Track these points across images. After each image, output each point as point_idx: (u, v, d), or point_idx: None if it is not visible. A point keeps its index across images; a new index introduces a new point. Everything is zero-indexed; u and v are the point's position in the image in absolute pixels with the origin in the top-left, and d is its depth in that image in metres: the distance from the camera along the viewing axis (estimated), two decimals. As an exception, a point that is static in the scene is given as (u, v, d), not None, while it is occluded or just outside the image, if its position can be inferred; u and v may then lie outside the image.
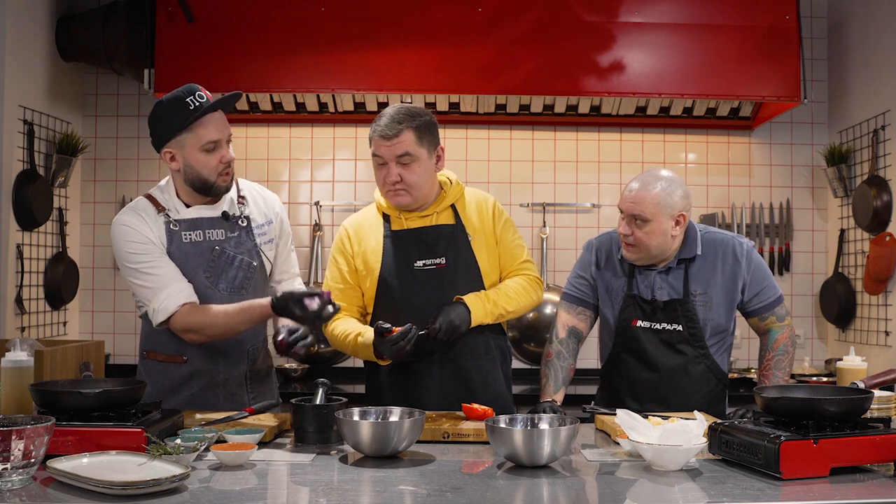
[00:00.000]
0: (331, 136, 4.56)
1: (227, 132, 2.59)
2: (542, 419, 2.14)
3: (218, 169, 2.57)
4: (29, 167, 3.94)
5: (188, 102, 2.51)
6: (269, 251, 2.73)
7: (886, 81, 4.04)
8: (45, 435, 1.76)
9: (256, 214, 2.72)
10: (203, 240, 2.61)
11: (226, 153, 2.57)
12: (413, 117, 2.65)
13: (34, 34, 4.03)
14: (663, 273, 2.72)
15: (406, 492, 1.80)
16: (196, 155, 2.55)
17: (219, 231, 2.63)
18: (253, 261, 2.66)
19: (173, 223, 2.60)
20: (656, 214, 2.61)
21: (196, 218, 2.62)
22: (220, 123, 2.57)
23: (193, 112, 2.51)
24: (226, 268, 2.63)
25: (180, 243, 2.59)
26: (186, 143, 2.54)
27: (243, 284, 2.64)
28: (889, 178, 3.99)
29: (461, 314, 2.62)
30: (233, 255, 2.63)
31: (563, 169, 4.57)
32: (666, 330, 2.70)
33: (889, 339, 3.99)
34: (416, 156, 2.64)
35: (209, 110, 2.53)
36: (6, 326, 3.81)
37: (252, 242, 2.67)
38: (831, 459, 1.90)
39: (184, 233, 2.60)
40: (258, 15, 3.99)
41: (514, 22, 4.00)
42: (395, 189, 2.66)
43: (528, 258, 2.83)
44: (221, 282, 2.62)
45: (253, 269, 2.66)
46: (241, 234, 2.67)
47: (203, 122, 2.53)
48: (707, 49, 4.03)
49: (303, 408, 2.29)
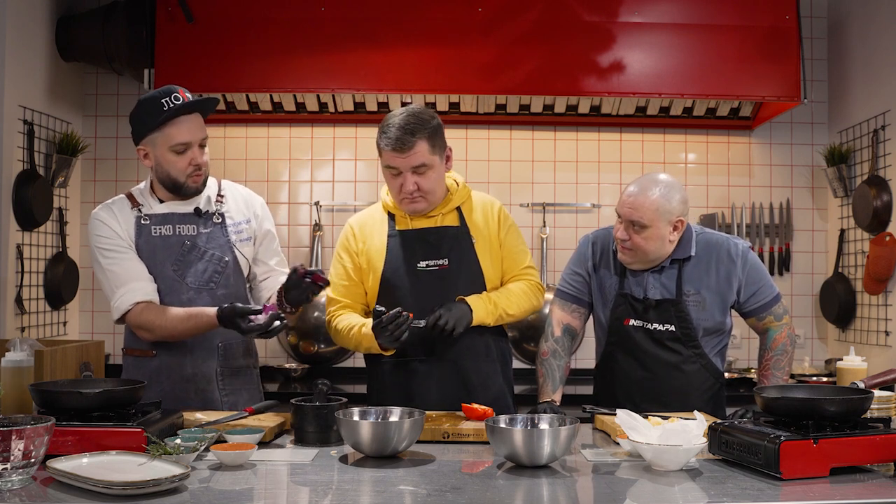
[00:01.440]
0: (331, 136, 4.56)
1: (199, 135, 2.62)
2: (542, 419, 2.14)
3: (187, 171, 2.62)
4: (29, 167, 3.94)
5: (163, 103, 2.56)
6: (245, 248, 2.75)
7: (886, 81, 4.04)
8: (45, 435, 1.76)
9: (234, 212, 2.75)
10: (173, 234, 2.66)
11: (196, 156, 2.61)
12: (423, 124, 2.63)
13: (34, 34, 4.03)
14: (656, 272, 2.71)
15: (406, 492, 1.80)
16: (166, 155, 2.60)
17: (190, 226, 2.68)
18: (225, 256, 2.69)
19: (144, 217, 2.66)
20: (655, 220, 2.61)
21: (167, 213, 2.68)
22: (193, 126, 2.61)
23: (165, 113, 2.56)
24: (195, 261, 2.66)
25: (149, 237, 2.65)
26: (158, 142, 2.60)
27: (212, 278, 2.67)
28: (889, 178, 3.99)
29: (463, 311, 2.63)
30: (203, 249, 2.67)
31: (563, 169, 4.57)
32: (658, 329, 2.70)
33: (889, 339, 3.99)
34: (430, 164, 2.64)
35: (180, 112, 2.57)
36: (6, 326, 3.81)
37: (225, 238, 2.70)
38: (831, 459, 1.90)
39: (154, 227, 2.66)
40: (258, 15, 3.99)
41: (514, 22, 4.00)
42: (412, 197, 2.66)
43: (531, 264, 2.84)
44: (189, 275, 2.65)
45: (224, 264, 2.69)
46: (215, 229, 2.70)
47: (175, 124, 2.58)
48: (707, 49, 4.02)
49: (303, 408, 2.29)
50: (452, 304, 2.63)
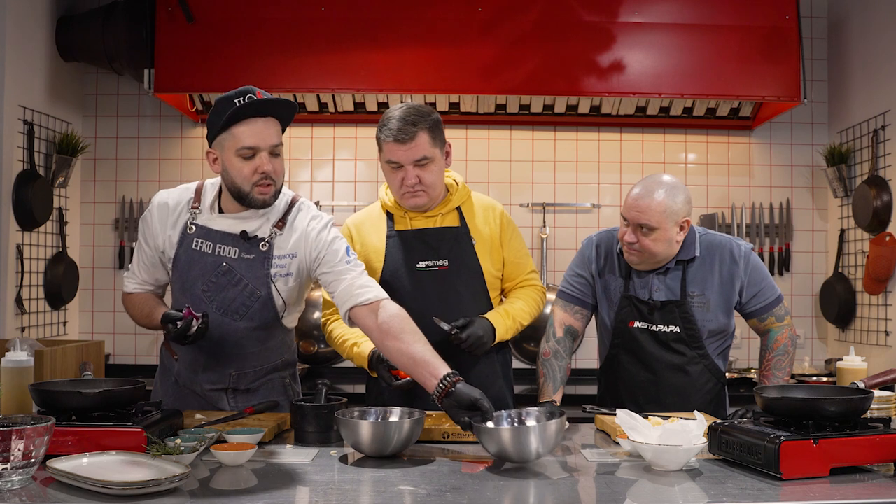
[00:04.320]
0: (331, 136, 4.56)
1: (269, 141, 2.37)
2: (530, 414, 2.15)
3: (253, 179, 2.37)
4: (29, 167, 3.94)
5: (235, 102, 2.33)
6: (283, 284, 2.50)
7: (886, 81, 4.04)
8: (45, 435, 1.76)
9: (284, 243, 2.49)
10: (212, 252, 2.47)
11: (263, 163, 2.36)
12: (424, 117, 2.63)
13: (34, 34, 4.03)
14: (661, 274, 2.71)
15: (406, 492, 1.80)
16: (232, 159, 2.37)
17: (232, 248, 2.47)
18: (258, 290, 2.47)
19: (191, 226, 2.49)
20: (662, 222, 2.61)
21: (212, 229, 2.48)
22: (263, 130, 2.36)
23: (234, 111, 2.33)
24: (226, 287, 2.47)
25: (189, 249, 2.49)
26: (225, 144, 2.38)
27: (239, 310, 2.48)
28: (889, 178, 3.99)
29: (488, 331, 2.63)
30: (239, 276, 2.47)
31: (563, 169, 4.57)
32: (663, 331, 2.70)
33: (889, 339, 3.99)
34: (431, 157, 2.63)
35: (248, 112, 2.34)
36: (6, 326, 3.81)
37: (265, 271, 2.46)
38: (831, 459, 1.90)
39: (196, 239, 2.48)
40: (258, 15, 3.99)
41: (514, 22, 4.00)
42: (413, 191, 2.64)
43: (534, 268, 2.86)
44: (216, 300, 2.47)
45: (255, 299, 2.48)
46: (257, 258, 2.47)
47: (243, 125, 2.35)
48: (707, 49, 4.03)
49: (303, 408, 2.29)
50: (480, 323, 2.62)
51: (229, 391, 2.60)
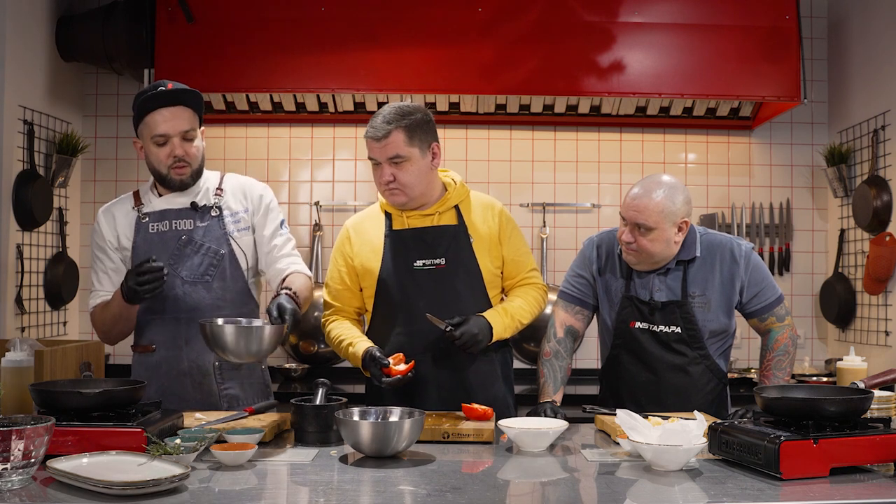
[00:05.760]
0: (331, 136, 4.56)
1: (179, 127, 2.62)
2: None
3: (167, 162, 2.64)
4: (29, 167, 3.94)
5: (146, 95, 2.61)
6: (243, 238, 2.74)
7: (886, 81, 4.04)
8: (45, 435, 1.76)
9: (232, 203, 2.75)
10: (169, 229, 2.70)
11: (174, 148, 2.62)
12: (403, 117, 2.65)
13: (34, 34, 4.03)
14: (662, 275, 2.71)
15: (406, 492, 1.80)
16: (149, 146, 2.65)
17: (187, 221, 2.70)
18: (220, 248, 2.70)
19: (143, 216, 2.71)
20: (660, 222, 2.61)
21: (165, 209, 2.71)
22: (172, 117, 2.61)
23: (144, 103, 2.60)
24: (190, 255, 2.68)
25: (146, 234, 2.70)
26: (143, 133, 2.65)
27: (207, 271, 2.68)
28: (889, 178, 3.99)
29: (484, 329, 2.62)
30: (200, 243, 2.69)
31: (563, 169, 4.57)
32: (664, 332, 2.70)
33: (889, 339, 3.99)
34: (406, 156, 2.64)
35: (157, 102, 2.58)
36: (6, 326, 3.81)
37: (222, 231, 2.71)
38: (831, 459, 1.90)
39: (151, 224, 2.70)
40: (258, 15, 3.99)
41: (514, 22, 4.00)
42: (389, 189, 2.68)
43: (535, 266, 2.85)
44: (183, 269, 2.67)
45: (220, 257, 2.69)
46: (212, 222, 2.71)
47: (154, 114, 2.60)
48: (707, 49, 4.03)
49: (303, 408, 2.29)
50: (475, 321, 2.61)
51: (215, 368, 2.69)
